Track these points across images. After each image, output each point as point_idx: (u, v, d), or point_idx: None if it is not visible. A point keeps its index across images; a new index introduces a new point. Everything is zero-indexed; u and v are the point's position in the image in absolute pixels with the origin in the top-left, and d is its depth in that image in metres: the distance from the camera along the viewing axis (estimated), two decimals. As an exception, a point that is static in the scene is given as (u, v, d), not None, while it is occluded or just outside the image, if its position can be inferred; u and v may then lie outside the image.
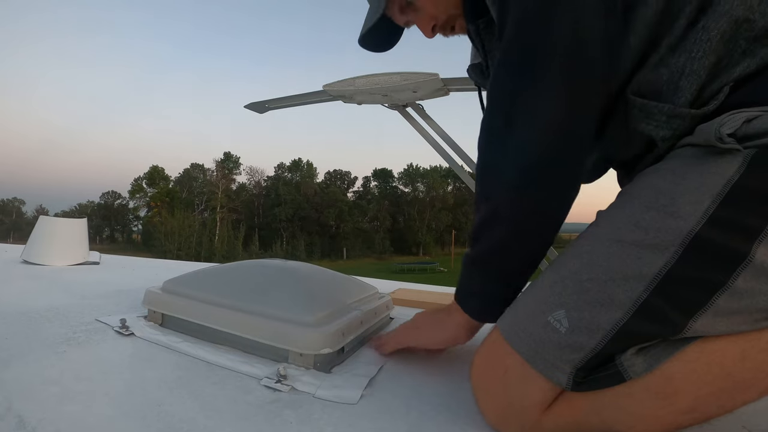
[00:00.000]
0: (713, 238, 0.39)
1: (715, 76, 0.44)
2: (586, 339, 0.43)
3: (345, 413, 0.53)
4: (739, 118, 0.40)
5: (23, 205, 62.20)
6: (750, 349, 0.40)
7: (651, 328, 0.41)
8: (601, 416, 0.44)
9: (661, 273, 0.40)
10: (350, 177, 57.23)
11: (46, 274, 1.35)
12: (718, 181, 0.40)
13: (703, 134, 0.42)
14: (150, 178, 53.35)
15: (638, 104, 0.48)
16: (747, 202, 0.39)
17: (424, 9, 0.65)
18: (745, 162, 0.39)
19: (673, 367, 0.40)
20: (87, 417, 0.47)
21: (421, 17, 0.67)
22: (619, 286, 0.42)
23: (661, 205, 0.42)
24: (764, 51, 0.42)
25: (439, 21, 0.66)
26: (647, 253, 0.41)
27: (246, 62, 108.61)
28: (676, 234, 0.40)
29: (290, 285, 0.79)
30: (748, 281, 0.38)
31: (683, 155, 0.45)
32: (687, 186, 0.42)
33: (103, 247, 34.30)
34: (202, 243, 43.46)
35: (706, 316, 0.39)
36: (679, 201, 0.41)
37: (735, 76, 0.43)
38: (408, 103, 1.34)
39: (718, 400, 0.41)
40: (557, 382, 0.45)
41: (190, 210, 49.23)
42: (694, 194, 0.41)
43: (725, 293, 0.39)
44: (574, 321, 0.44)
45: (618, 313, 0.42)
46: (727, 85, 0.44)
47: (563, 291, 0.46)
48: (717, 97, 0.44)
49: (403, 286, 1.46)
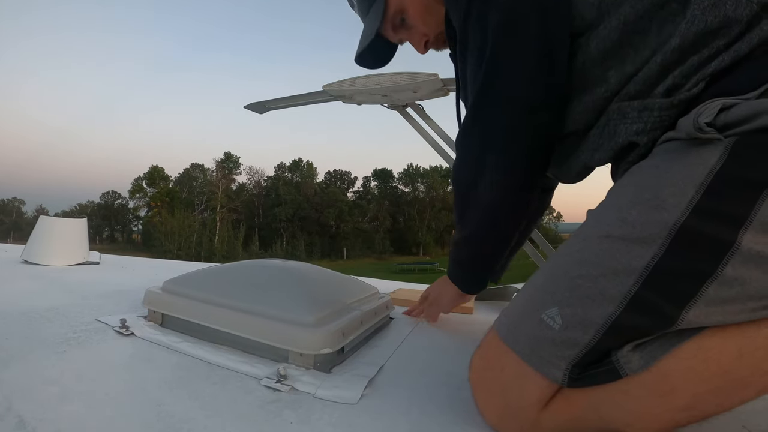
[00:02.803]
0: (699, 228, 0.39)
1: (690, 75, 0.45)
2: (579, 335, 0.43)
3: (345, 413, 0.53)
4: (714, 106, 0.40)
5: (23, 205, 62.28)
6: (747, 347, 0.40)
7: (643, 320, 0.41)
8: (599, 413, 0.44)
9: (649, 266, 0.40)
10: (350, 177, 57.28)
11: (46, 274, 1.35)
12: (700, 171, 0.40)
13: (684, 127, 0.43)
14: (150, 178, 53.33)
15: (614, 108, 0.51)
16: (730, 190, 0.39)
17: (416, 27, 0.72)
18: (727, 150, 0.39)
19: (670, 364, 0.40)
20: (87, 417, 0.47)
21: (413, 34, 0.73)
22: (609, 280, 0.42)
23: (645, 199, 0.43)
24: (738, 45, 0.43)
25: (430, 37, 0.72)
26: (635, 247, 0.42)
27: (246, 62, 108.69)
28: (662, 226, 0.40)
29: (290, 285, 0.79)
30: (737, 269, 0.38)
31: (666, 149, 0.45)
32: (670, 178, 0.42)
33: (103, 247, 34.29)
34: (202, 243, 43.44)
35: (698, 307, 0.39)
36: (663, 193, 0.42)
37: (710, 71, 0.44)
38: (408, 103, 1.34)
39: (715, 398, 0.41)
40: (553, 379, 0.45)
41: (190, 210, 49.21)
42: (678, 186, 0.41)
43: (715, 282, 0.39)
44: (567, 317, 0.44)
45: (610, 307, 0.42)
46: (703, 81, 0.44)
47: (555, 289, 0.46)
48: (691, 91, 0.45)
49: (403, 286, 1.46)
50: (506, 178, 0.63)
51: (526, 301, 0.50)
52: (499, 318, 0.52)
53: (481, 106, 0.61)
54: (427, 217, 52.98)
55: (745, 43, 0.43)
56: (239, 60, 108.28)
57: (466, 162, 0.68)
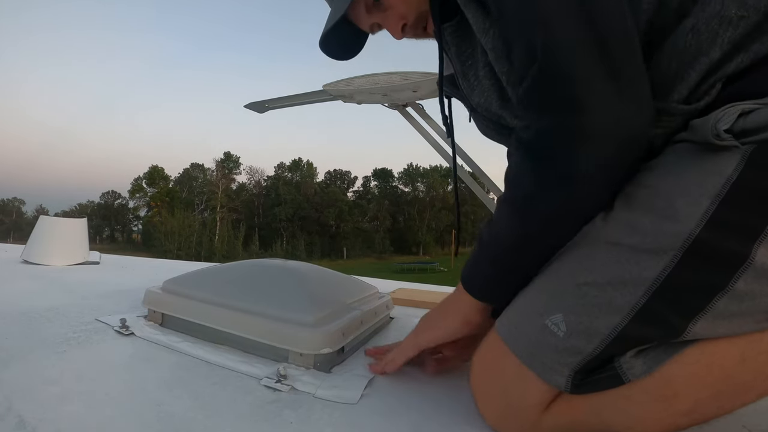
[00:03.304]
0: (713, 241, 0.38)
1: (708, 74, 0.43)
2: (584, 343, 0.43)
3: (345, 413, 0.53)
4: (733, 112, 0.39)
5: (23, 205, 62.28)
6: (750, 351, 0.39)
7: (650, 332, 0.41)
8: (601, 417, 0.44)
9: (660, 278, 0.39)
10: (350, 177, 57.30)
11: (46, 274, 1.35)
12: (716, 181, 0.39)
13: (699, 130, 0.41)
14: (150, 178, 53.35)
15: None
16: (746, 202, 0.38)
17: (393, 7, 0.61)
18: (744, 159, 0.38)
19: (673, 369, 0.40)
20: (87, 417, 0.47)
21: (389, 16, 0.62)
22: (617, 290, 0.41)
23: (658, 208, 0.41)
24: (756, 46, 0.42)
25: (409, 20, 0.62)
26: (645, 257, 0.40)
27: (246, 61, 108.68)
28: (676, 238, 0.39)
29: (290, 285, 0.79)
30: (749, 283, 0.37)
31: (678, 152, 0.44)
32: (685, 186, 0.41)
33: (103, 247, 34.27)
34: (202, 243, 43.45)
35: (706, 320, 0.39)
36: (678, 203, 0.40)
37: (728, 72, 0.42)
38: (408, 103, 1.34)
39: (717, 401, 0.41)
40: (556, 385, 0.45)
41: (190, 210, 49.22)
42: (693, 195, 0.40)
43: (725, 296, 0.38)
44: (572, 325, 0.43)
45: (616, 318, 0.41)
46: (720, 81, 0.43)
47: (560, 294, 0.45)
48: (709, 92, 0.43)
49: (403, 286, 1.46)
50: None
51: (529, 303, 0.49)
52: (500, 318, 0.52)
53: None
54: (427, 216, 52.98)
55: (765, 44, 0.41)
56: (239, 59, 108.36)
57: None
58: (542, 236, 0.49)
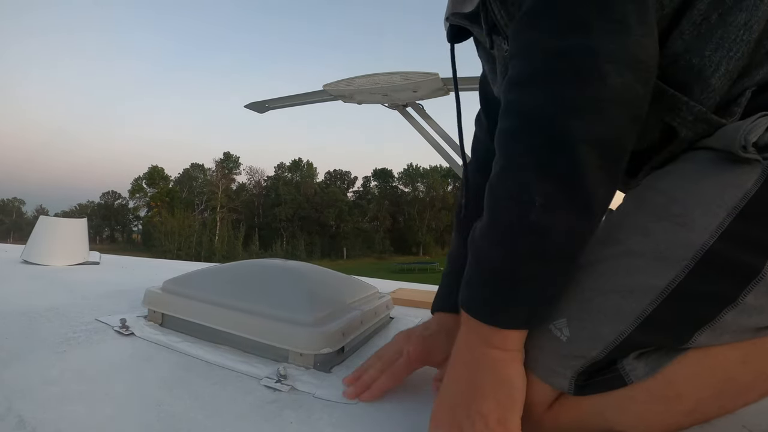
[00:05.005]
0: (726, 253, 0.38)
1: (740, 78, 0.42)
2: (587, 349, 0.42)
3: (345, 413, 0.53)
4: (762, 124, 0.38)
5: (23, 205, 62.33)
6: (752, 353, 0.39)
7: (654, 339, 0.40)
8: (604, 417, 0.44)
9: (669, 287, 0.39)
10: (350, 177, 57.29)
11: (46, 274, 1.35)
12: (734, 194, 0.38)
13: (725, 139, 0.40)
14: (150, 178, 53.37)
15: (669, 93, 0.43)
16: (762, 217, 0.37)
17: None
18: (764, 174, 0.38)
19: (675, 370, 0.40)
20: (87, 417, 0.47)
21: None
22: (624, 297, 0.41)
23: (672, 215, 0.40)
24: None
25: None
26: (655, 265, 0.40)
27: (247, 61, 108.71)
28: (688, 247, 0.39)
29: (290, 285, 0.79)
30: (759, 298, 0.37)
31: (698, 159, 0.43)
32: (702, 196, 0.40)
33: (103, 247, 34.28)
34: (202, 243, 43.47)
35: (712, 330, 0.38)
36: (693, 212, 0.39)
37: (758, 80, 0.42)
38: (408, 103, 1.34)
39: (719, 401, 0.41)
40: (558, 388, 0.44)
41: (190, 210, 49.24)
42: (709, 206, 0.39)
43: (734, 309, 0.37)
44: (576, 330, 0.43)
45: (621, 325, 0.41)
46: (749, 89, 0.42)
47: (565, 297, 0.44)
48: (739, 102, 0.42)
49: (403, 286, 1.46)
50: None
51: None
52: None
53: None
54: (427, 216, 52.97)
55: None
56: (239, 59, 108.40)
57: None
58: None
